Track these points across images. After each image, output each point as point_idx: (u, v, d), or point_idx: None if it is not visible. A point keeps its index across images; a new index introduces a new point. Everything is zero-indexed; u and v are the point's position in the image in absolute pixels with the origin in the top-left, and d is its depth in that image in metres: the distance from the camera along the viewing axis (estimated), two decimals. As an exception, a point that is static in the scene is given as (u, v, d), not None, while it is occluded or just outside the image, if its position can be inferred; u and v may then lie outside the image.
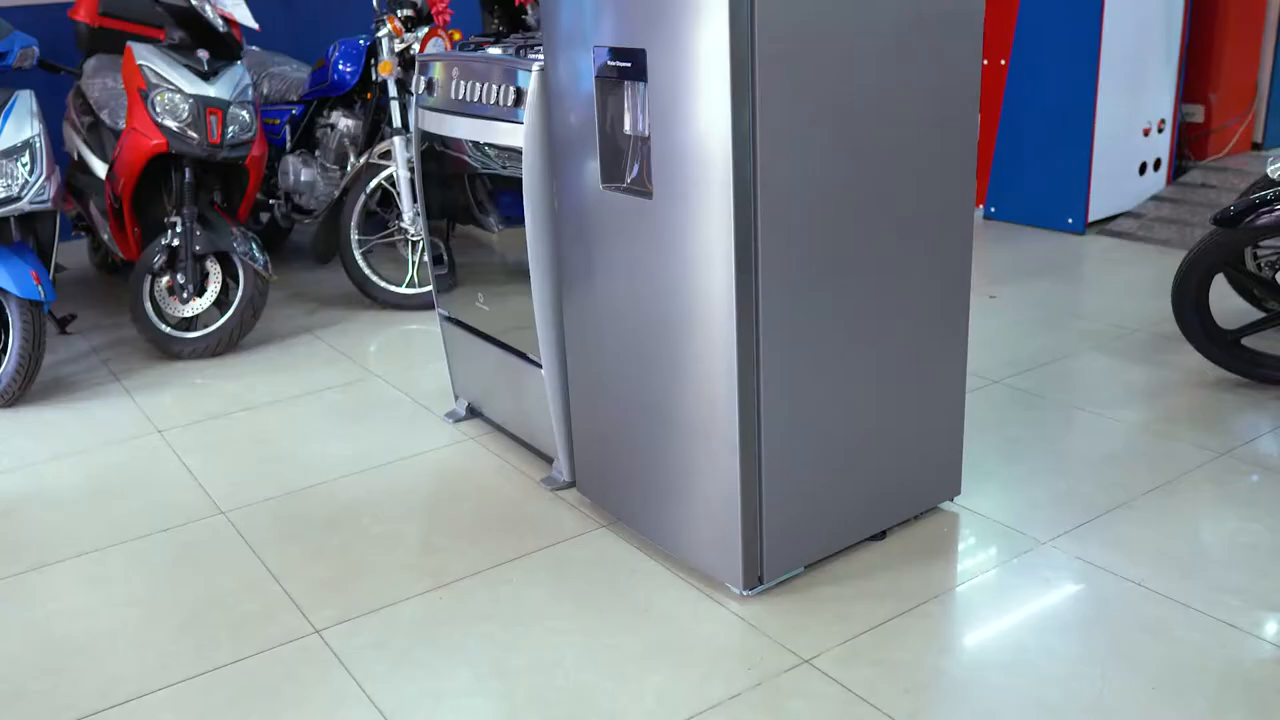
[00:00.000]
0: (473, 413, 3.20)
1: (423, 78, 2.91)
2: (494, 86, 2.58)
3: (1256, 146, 5.54)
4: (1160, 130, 5.05)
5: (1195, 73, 5.23)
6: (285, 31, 5.67)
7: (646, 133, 2.13)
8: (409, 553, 2.50)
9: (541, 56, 2.47)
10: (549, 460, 2.83)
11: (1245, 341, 3.16)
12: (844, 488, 2.33)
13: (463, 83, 2.71)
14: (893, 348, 2.32)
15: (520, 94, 2.49)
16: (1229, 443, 2.85)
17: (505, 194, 2.66)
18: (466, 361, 3.11)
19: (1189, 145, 5.32)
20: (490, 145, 2.62)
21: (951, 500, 2.57)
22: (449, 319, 3.11)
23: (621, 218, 2.26)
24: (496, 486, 2.80)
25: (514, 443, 3.01)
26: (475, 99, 2.64)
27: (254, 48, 5.15)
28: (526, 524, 2.60)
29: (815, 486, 2.27)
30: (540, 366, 2.67)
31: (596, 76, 2.22)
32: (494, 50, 2.78)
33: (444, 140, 2.83)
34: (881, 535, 2.44)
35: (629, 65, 2.12)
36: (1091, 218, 4.88)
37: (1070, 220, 4.88)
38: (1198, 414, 3.02)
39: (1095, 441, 2.90)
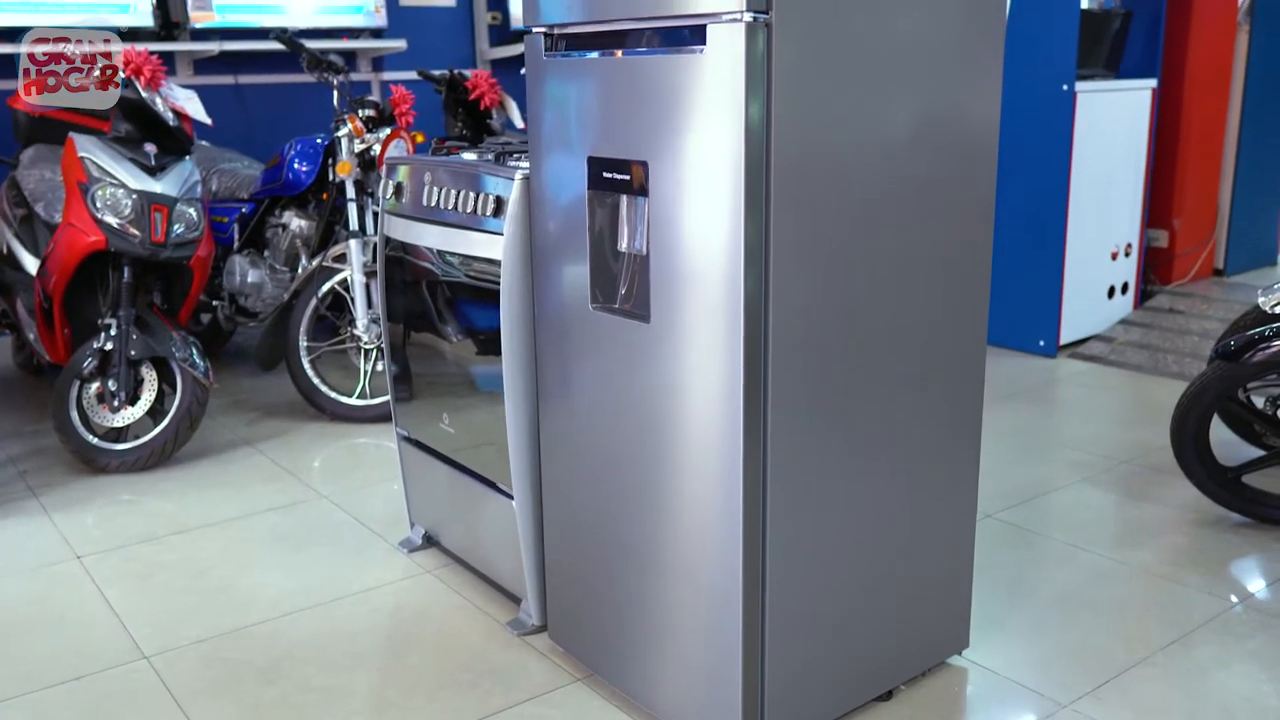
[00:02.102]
0: (430, 541, 2.94)
1: (390, 181, 2.71)
2: (471, 194, 2.38)
3: (1218, 273, 5.55)
4: (1127, 254, 5.02)
5: (1159, 198, 5.24)
6: (238, 127, 5.49)
7: (645, 250, 1.95)
8: (357, 710, 2.21)
9: (523, 164, 2.30)
10: (516, 600, 2.57)
11: (1246, 479, 3.03)
12: (851, 643, 2.10)
13: (436, 189, 2.51)
14: (903, 489, 2.13)
15: (501, 203, 2.30)
16: (1240, 591, 2.69)
17: (477, 306, 2.46)
18: (425, 486, 2.86)
19: (1154, 270, 5.31)
20: (465, 256, 2.43)
21: (960, 654, 2.35)
22: (407, 439, 2.86)
23: (612, 341, 2.06)
24: (457, 630, 2.52)
25: (476, 578, 2.75)
26: (450, 206, 2.45)
27: (204, 143, 4.95)
28: (491, 676, 2.33)
29: (822, 642, 2.04)
30: (511, 497, 2.43)
31: (590, 188, 2.04)
32: (470, 155, 2.60)
33: (412, 248, 2.63)
34: (888, 695, 2.21)
35: (628, 178, 1.94)
36: (1062, 340, 4.80)
37: (1042, 343, 4.79)
38: (1203, 557, 2.86)
39: (1100, 586, 2.71)
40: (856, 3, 1.81)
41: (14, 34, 4.71)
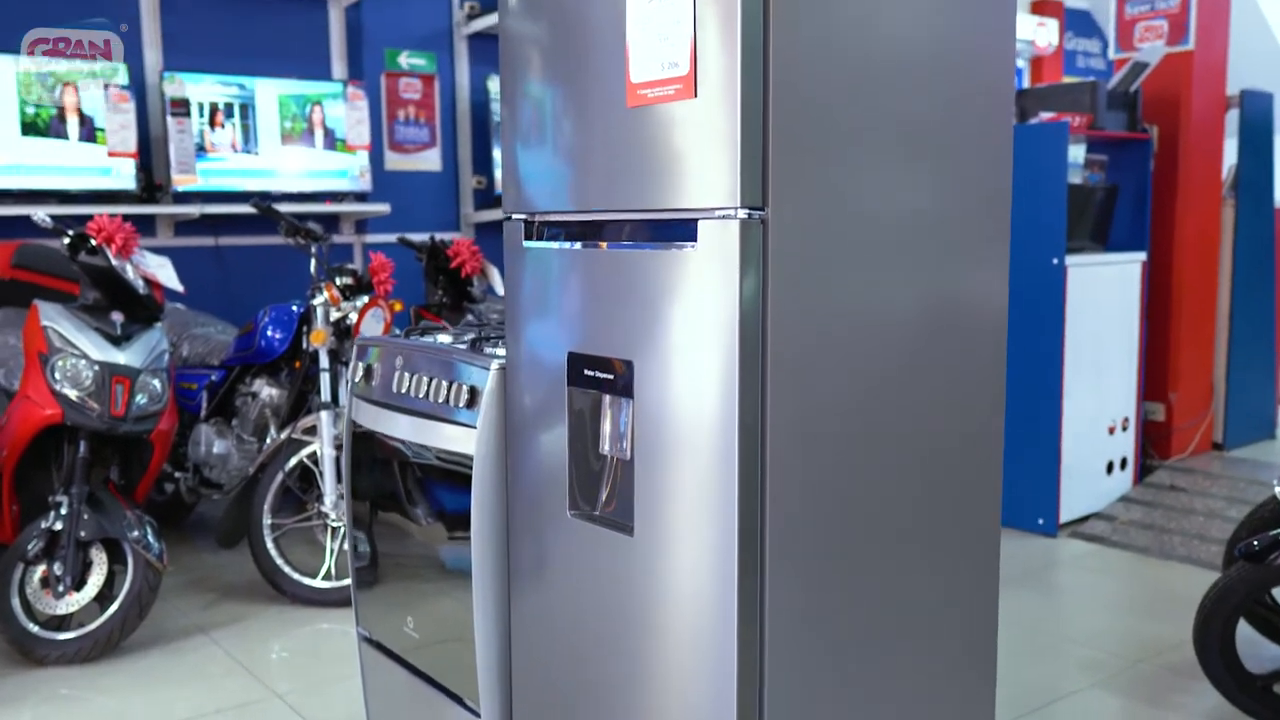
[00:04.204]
0: (390, 754, 2.68)
1: (361, 363, 2.56)
2: (444, 383, 2.23)
3: (1218, 446, 5.43)
4: (1124, 429, 4.89)
5: (1155, 371, 5.15)
6: (218, 290, 5.38)
7: (629, 455, 1.78)
8: None
9: (501, 350, 2.16)
10: (482, 832, 2.31)
11: (1277, 688, 2.81)
12: None
13: (407, 374, 2.36)
14: (911, 709, 1.91)
15: (475, 394, 2.14)
16: (1281, 818, 2.45)
17: (448, 491, 2.28)
18: (386, 694, 2.61)
19: (1153, 444, 5.17)
20: (436, 450, 2.26)
21: None
22: (368, 640, 2.63)
23: (593, 553, 1.87)
24: None
25: (439, 800, 2.48)
26: (421, 395, 2.29)
27: (179, 305, 4.84)
28: None
29: None
30: (478, 716, 2.20)
31: (570, 385, 1.89)
32: (445, 338, 2.46)
33: (380, 435, 2.46)
34: None
35: (611, 377, 1.79)
36: (1063, 519, 4.62)
37: (1041, 521, 4.61)
38: (1236, 776, 2.62)
39: (1128, 813, 2.47)
40: (859, 188, 1.71)
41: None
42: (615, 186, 1.77)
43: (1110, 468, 4.86)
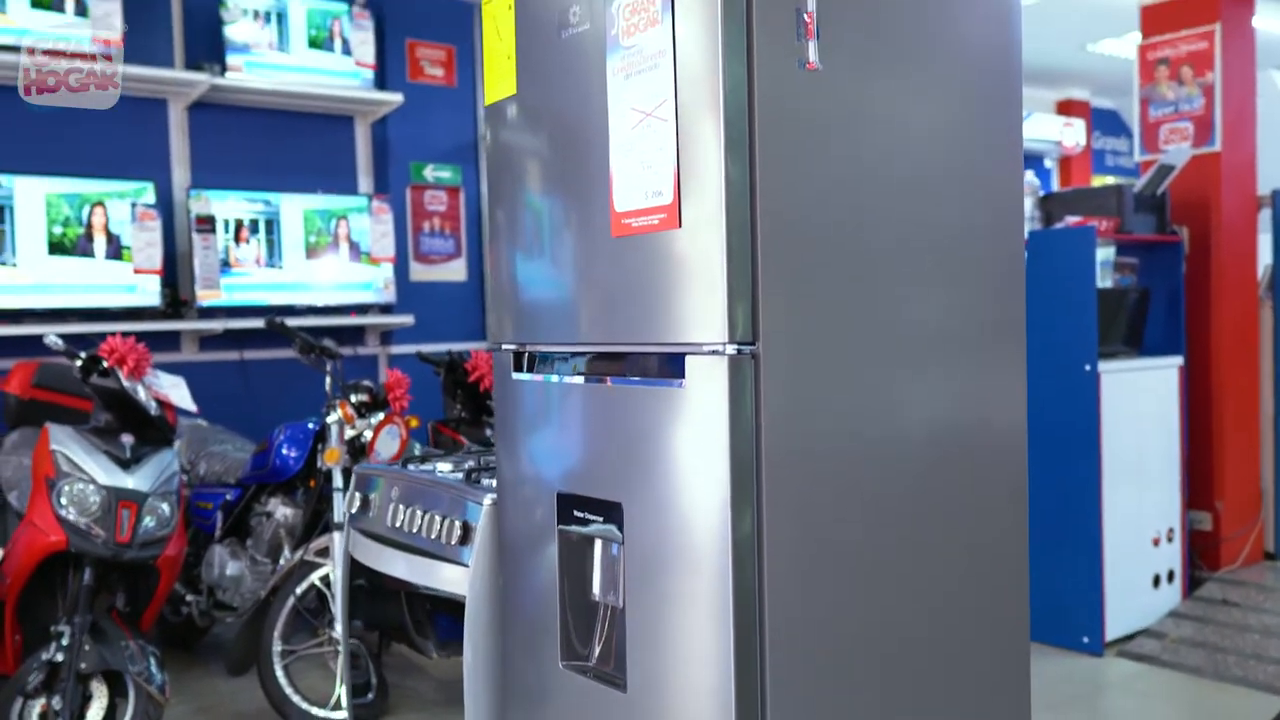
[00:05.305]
0: None
1: (358, 493, 2.48)
2: (437, 518, 2.14)
3: (1270, 556, 5.19)
4: (1170, 539, 4.68)
5: (1199, 479, 4.96)
6: (241, 404, 5.35)
7: (621, 603, 1.67)
8: None
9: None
10: None
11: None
12: None
13: (402, 507, 2.27)
14: None
15: (468, 530, 2.05)
16: None
17: (448, 621, 2.18)
18: (383, 844, 2.47)
19: (1201, 555, 4.95)
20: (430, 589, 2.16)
21: None
22: (366, 785, 2.51)
23: (587, 708, 1.75)
24: None
25: None
26: (416, 530, 2.20)
27: (201, 422, 4.80)
28: None
29: None
30: None
31: (559, 524, 1.79)
32: (444, 467, 2.38)
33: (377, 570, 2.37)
34: None
35: (601, 519, 1.69)
36: (1109, 636, 4.39)
37: (1086, 639, 4.38)
38: None
39: None
40: (858, 313, 1.62)
41: (9, 316, 4.67)
42: (602, 319, 1.69)
43: (1157, 581, 4.64)
